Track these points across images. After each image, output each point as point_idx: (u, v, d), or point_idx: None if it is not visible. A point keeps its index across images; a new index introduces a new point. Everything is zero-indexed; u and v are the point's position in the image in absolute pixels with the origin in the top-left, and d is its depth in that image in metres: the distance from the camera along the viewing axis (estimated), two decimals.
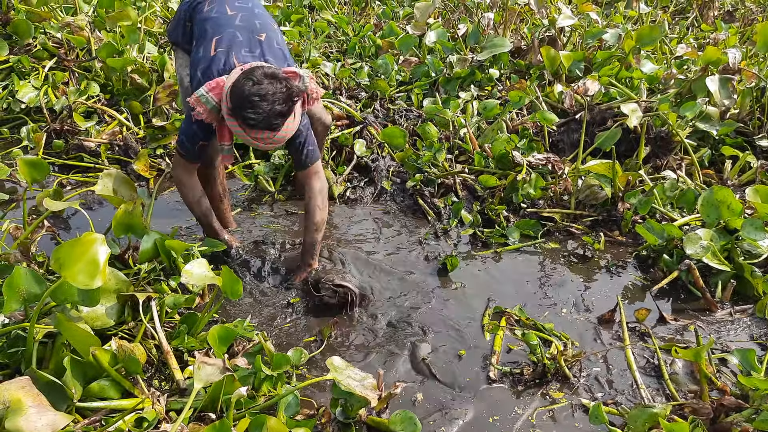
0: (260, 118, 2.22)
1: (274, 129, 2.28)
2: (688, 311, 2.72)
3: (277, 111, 2.24)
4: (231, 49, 2.50)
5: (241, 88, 2.23)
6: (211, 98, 2.38)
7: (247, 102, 2.21)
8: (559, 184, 3.47)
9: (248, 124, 2.25)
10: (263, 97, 2.21)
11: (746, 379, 2.10)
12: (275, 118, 2.25)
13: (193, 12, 2.74)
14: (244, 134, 2.31)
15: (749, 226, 2.81)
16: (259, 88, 2.21)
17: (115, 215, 2.45)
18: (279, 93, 2.23)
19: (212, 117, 2.42)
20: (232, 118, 2.29)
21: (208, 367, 1.77)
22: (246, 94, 2.21)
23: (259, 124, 2.24)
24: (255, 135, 2.29)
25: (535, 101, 4.20)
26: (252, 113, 2.22)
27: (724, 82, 3.90)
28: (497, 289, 2.84)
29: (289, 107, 2.28)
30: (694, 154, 3.66)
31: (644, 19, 6.40)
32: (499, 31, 5.40)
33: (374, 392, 2.03)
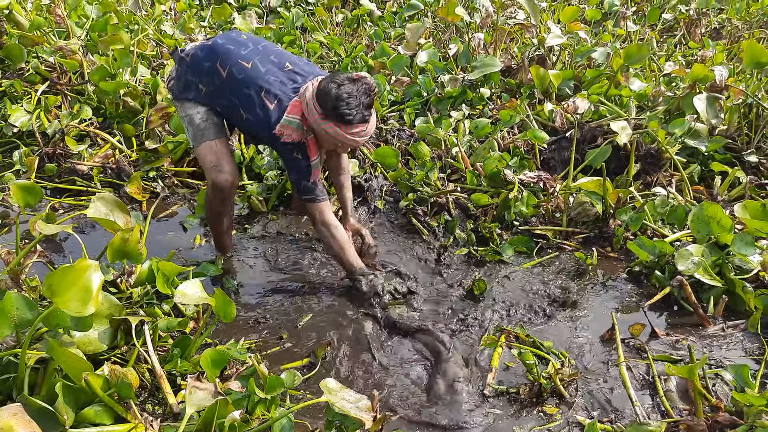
0: (355, 112, 2.46)
1: (366, 121, 2.53)
2: (681, 327, 2.73)
3: (365, 103, 2.49)
4: (282, 93, 2.64)
5: (330, 91, 2.46)
6: (294, 118, 2.58)
7: (339, 101, 2.45)
8: (550, 201, 3.49)
9: (346, 121, 2.47)
10: (351, 94, 2.46)
11: (740, 396, 2.10)
12: (366, 110, 2.50)
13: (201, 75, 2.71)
14: (341, 133, 2.51)
15: (739, 241, 2.83)
16: (345, 88, 2.45)
17: (112, 242, 2.44)
18: (361, 89, 2.48)
19: (299, 135, 2.61)
20: (327, 120, 2.50)
21: (199, 392, 1.76)
22: (336, 95, 2.45)
23: (356, 118, 2.47)
24: (352, 131, 2.52)
25: (525, 120, 4.24)
26: (347, 109, 2.45)
27: (711, 101, 3.95)
28: (493, 306, 2.84)
29: (372, 99, 2.53)
30: (683, 170, 3.69)
31: (632, 37, 6.48)
32: (490, 50, 5.45)
33: (369, 414, 2.02)
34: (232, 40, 2.76)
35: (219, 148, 2.79)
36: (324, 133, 2.56)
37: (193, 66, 2.74)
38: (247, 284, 2.97)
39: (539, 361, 2.45)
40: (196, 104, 2.78)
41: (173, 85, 2.84)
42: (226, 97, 2.70)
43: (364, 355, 2.54)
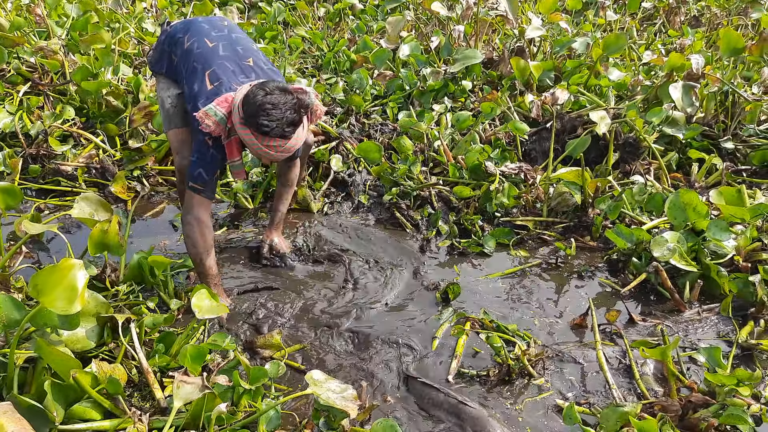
0: (274, 125, 2.33)
1: (286, 137, 2.38)
2: (658, 312, 2.80)
3: (289, 119, 2.35)
4: (227, 80, 2.59)
5: (254, 97, 2.34)
6: (219, 110, 2.46)
7: (261, 110, 2.32)
8: (531, 192, 3.55)
9: (262, 132, 2.34)
10: (276, 105, 2.33)
11: (712, 376, 2.17)
12: (287, 126, 2.36)
13: (173, 46, 2.80)
14: (256, 143, 2.38)
15: (714, 227, 2.90)
16: (272, 98, 2.33)
17: (91, 234, 2.47)
18: (290, 103, 2.36)
19: (219, 129, 2.49)
20: (245, 126, 2.37)
21: (187, 386, 1.80)
22: (260, 103, 2.32)
23: (273, 132, 2.34)
24: (267, 143, 2.38)
25: (507, 111, 4.29)
26: (266, 120, 2.32)
27: (686, 89, 4.02)
28: (473, 297, 2.90)
29: (300, 117, 2.40)
30: (661, 158, 3.76)
31: (613, 26, 6.54)
32: (471, 42, 5.50)
33: (354, 403, 2.07)
34: (211, 22, 2.85)
35: (184, 137, 2.86)
36: (242, 138, 2.45)
37: (170, 36, 2.84)
38: (235, 279, 3.01)
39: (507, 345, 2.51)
40: (168, 83, 2.86)
41: (151, 55, 2.97)
42: (180, 68, 2.74)
43: (349, 345, 2.59)
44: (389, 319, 2.74)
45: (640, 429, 1.99)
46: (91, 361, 2.02)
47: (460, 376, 2.43)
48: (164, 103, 2.89)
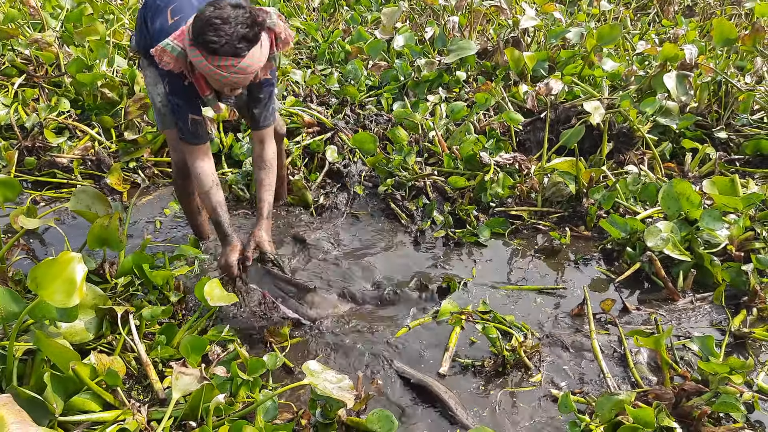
0: (223, 41, 2.10)
1: (238, 54, 2.14)
2: (652, 301, 2.83)
3: (240, 34, 2.12)
4: (190, 13, 2.36)
5: (202, 14, 2.14)
6: (176, 45, 2.25)
7: (208, 26, 2.10)
8: (525, 182, 3.57)
9: (210, 49, 2.12)
10: (225, 20, 2.10)
11: (705, 365, 2.20)
12: (239, 42, 2.12)
13: (145, 9, 2.61)
14: (206, 64, 2.16)
15: (707, 216, 2.92)
16: (220, 12, 2.11)
17: (91, 229, 2.48)
18: (242, 17, 2.12)
19: (179, 64, 2.30)
20: (194, 47, 2.16)
21: (185, 377, 1.82)
22: (207, 18, 2.11)
23: (222, 48, 2.11)
24: (219, 63, 2.15)
25: (501, 102, 4.30)
26: (214, 36, 2.10)
27: (680, 78, 4.03)
28: (470, 287, 2.93)
29: (254, 33, 2.16)
30: (655, 148, 3.78)
31: (607, 16, 6.54)
32: (465, 33, 5.49)
33: (351, 393, 2.09)
34: None
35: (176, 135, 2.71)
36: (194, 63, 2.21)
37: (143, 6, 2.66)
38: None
39: (504, 336, 2.53)
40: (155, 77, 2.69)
41: (132, 36, 2.82)
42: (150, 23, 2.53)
43: (346, 335, 2.61)
44: (385, 311, 2.77)
45: (635, 417, 2.01)
46: (90, 353, 2.04)
47: (454, 366, 2.45)
48: (154, 101, 2.77)
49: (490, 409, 2.25)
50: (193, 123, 2.49)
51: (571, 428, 2.10)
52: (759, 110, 4.26)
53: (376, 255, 3.19)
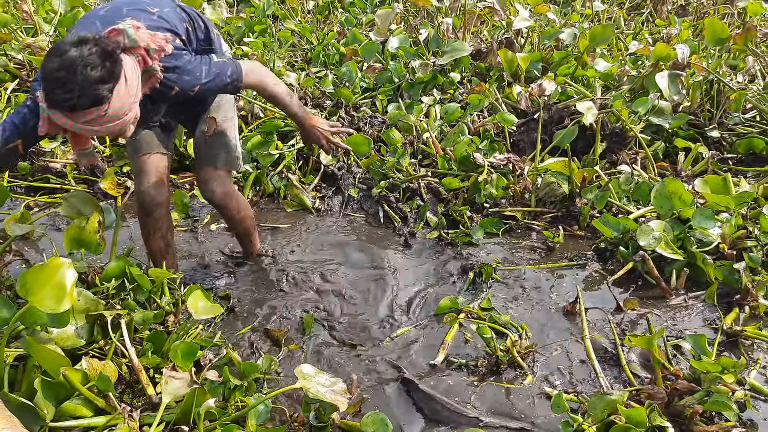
0: (76, 94, 1.79)
1: (100, 102, 1.83)
2: (645, 300, 2.83)
3: (92, 78, 1.79)
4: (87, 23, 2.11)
5: (45, 67, 1.81)
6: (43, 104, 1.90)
7: (55, 81, 1.78)
8: (519, 183, 3.57)
9: (68, 107, 1.81)
10: (69, 68, 1.78)
11: (698, 363, 2.21)
12: (95, 89, 1.80)
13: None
14: (72, 124, 1.87)
15: (699, 215, 2.93)
16: (62, 60, 1.78)
17: (67, 230, 2.47)
18: (87, 57, 1.79)
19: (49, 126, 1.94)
20: (54, 109, 1.85)
21: (175, 381, 1.82)
22: (50, 72, 1.80)
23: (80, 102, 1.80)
24: (84, 119, 1.85)
25: (495, 103, 4.31)
26: (64, 93, 1.78)
27: (673, 78, 4.04)
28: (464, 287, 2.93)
29: (109, 70, 1.83)
30: (648, 147, 3.79)
31: (600, 16, 6.55)
32: (459, 35, 5.50)
33: (344, 396, 2.09)
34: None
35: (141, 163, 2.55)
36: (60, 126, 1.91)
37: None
38: (222, 275, 3.02)
39: (497, 336, 2.53)
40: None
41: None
42: None
43: (337, 338, 2.61)
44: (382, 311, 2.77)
45: (627, 417, 2.02)
46: (81, 359, 2.03)
47: (448, 364, 2.45)
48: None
49: (484, 409, 2.25)
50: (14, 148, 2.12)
51: (563, 428, 2.10)
52: (751, 109, 4.27)
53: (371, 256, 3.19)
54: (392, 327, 2.69)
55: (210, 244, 3.28)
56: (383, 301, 2.84)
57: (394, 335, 2.63)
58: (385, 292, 2.90)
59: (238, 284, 2.95)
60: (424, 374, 2.41)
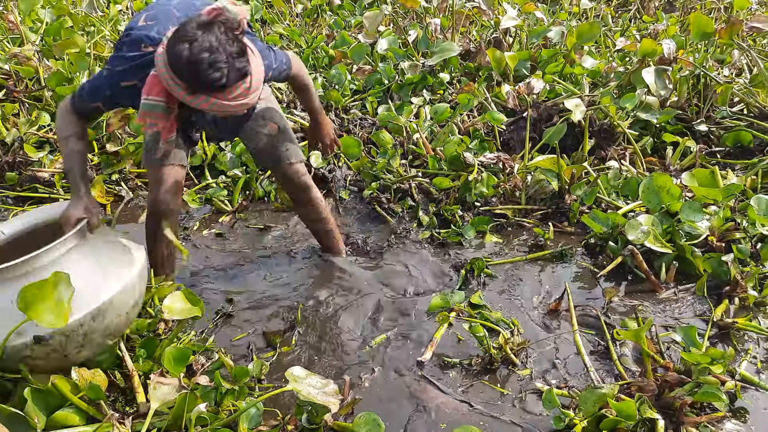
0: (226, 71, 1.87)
1: (245, 74, 1.93)
2: (636, 294, 2.84)
3: (234, 53, 1.88)
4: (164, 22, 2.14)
5: (181, 55, 1.85)
6: (156, 101, 2.00)
7: (200, 67, 1.85)
8: (509, 181, 3.58)
9: (218, 87, 1.88)
10: (211, 48, 1.84)
11: (688, 355, 2.22)
12: (239, 62, 1.90)
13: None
14: (221, 103, 1.94)
15: (687, 208, 2.94)
16: (200, 43, 1.84)
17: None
18: (220, 34, 1.88)
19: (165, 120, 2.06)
20: (197, 94, 1.92)
21: (164, 387, 1.82)
22: (192, 58, 1.84)
23: (230, 79, 1.89)
24: (232, 95, 1.94)
25: (484, 102, 4.32)
26: (215, 72, 1.85)
27: (659, 73, 4.06)
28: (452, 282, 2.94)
29: (240, 42, 1.92)
30: (636, 143, 3.80)
31: (588, 14, 6.58)
32: (448, 35, 5.51)
33: (336, 398, 2.09)
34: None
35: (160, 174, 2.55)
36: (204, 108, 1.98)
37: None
38: (216, 280, 3.02)
39: (489, 333, 2.53)
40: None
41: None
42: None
43: (330, 340, 2.61)
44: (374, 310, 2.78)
45: (617, 410, 2.02)
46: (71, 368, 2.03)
47: (440, 363, 2.46)
48: (145, 134, 2.56)
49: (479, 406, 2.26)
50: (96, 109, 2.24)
51: (555, 423, 2.11)
52: (738, 102, 4.29)
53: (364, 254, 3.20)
54: (385, 326, 2.69)
55: (204, 250, 3.27)
56: (375, 300, 2.84)
57: (387, 334, 2.63)
58: (377, 291, 2.91)
59: (233, 287, 2.95)
60: (414, 371, 2.42)
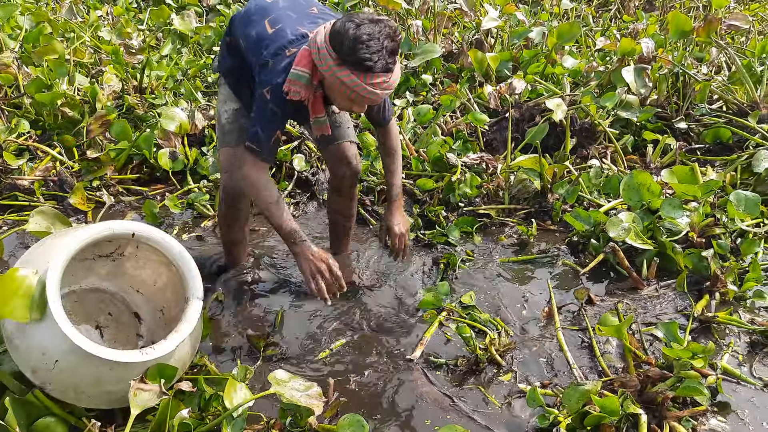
0: (376, 59, 2.05)
1: (390, 69, 2.11)
2: (618, 291, 2.86)
3: (389, 48, 2.08)
4: (289, 24, 2.33)
5: (346, 32, 2.06)
6: (302, 72, 2.19)
7: (359, 43, 2.04)
8: (492, 181, 3.60)
9: (365, 68, 2.06)
10: (371, 36, 2.04)
11: (669, 350, 2.23)
12: (389, 57, 2.09)
13: (231, 28, 2.56)
14: (358, 83, 2.10)
15: (668, 205, 2.97)
16: (366, 29, 2.05)
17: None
18: (384, 30, 2.07)
19: (306, 92, 2.23)
20: (343, 67, 2.09)
21: (144, 393, 1.81)
22: (355, 36, 2.04)
23: (377, 65, 2.06)
24: (372, 80, 2.09)
25: (467, 103, 4.33)
26: (367, 53, 2.04)
27: (639, 72, 4.10)
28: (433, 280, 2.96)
29: (397, 45, 2.12)
30: (617, 141, 3.84)
31: (570, 14, 6.63)
32: (431, 36, 5.53)
33: (319, 400, 2.09)
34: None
35: (237, 157, 2.57)
36: (339, 83, 2.14)
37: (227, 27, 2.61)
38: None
39: (476, 334, 2.54)
40: (227, 95, 2.65)
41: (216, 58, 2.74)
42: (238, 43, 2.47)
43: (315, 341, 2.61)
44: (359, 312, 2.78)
45: (601, 406, 2.04)
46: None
47: (427, 363, 2.47)
48: (220, 118, 2.67)
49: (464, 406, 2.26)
50: (276, 140, 2.36)
51: (540, 421, 2.12)
52: (717, 99, 4.34)
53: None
54: (372, 326, 2.69)
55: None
56: (359, 302, 2.84)
57: (374, 334, 2.63)
58: (364, 291, 2.90)
59: (217, 290, 2.93)
60: (402, 371, 2.42)
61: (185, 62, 5.39)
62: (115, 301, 2.46)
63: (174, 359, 2.01)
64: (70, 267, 2.04)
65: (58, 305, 1.82)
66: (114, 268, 2.45)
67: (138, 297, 2.49)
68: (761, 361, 2.45)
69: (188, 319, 2.06)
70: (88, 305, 2.41)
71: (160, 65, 5.03)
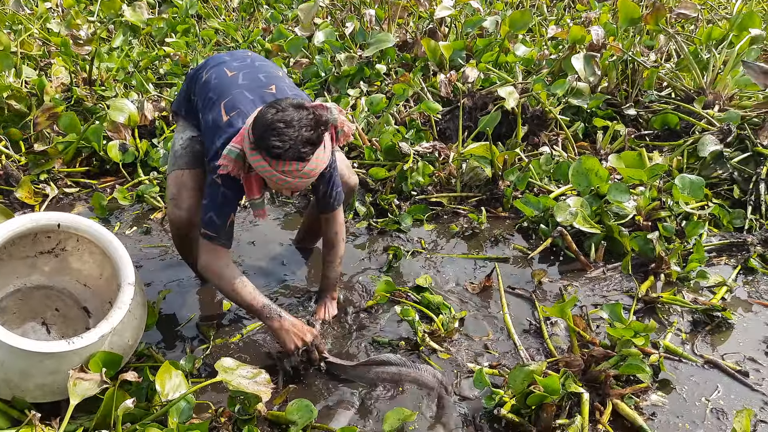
0: (287, 146, 2.00)
1: (302, 158, 2.05)
2: (566, 273, 2.92)
3: (304, 138, 2.02)
4: (244, 109, 2.31)
5: (264, 117, 2.04)
6: (235, 147, 2.17)
7: (270, 130, 2.00)
8: (444, 169, 3.62)
9: (274, 154, 2.02)
10: (288, 123, 2.01)
11: (613, 330, 2.29)
12: (303, 146, 2.03)
13: (192, 83, 2.57)
14: (269, 169, 2.06)
15: (615, 190, 3.03)
16: (283, 115, 2.02)
17: None
18: (305, 119, 2.04)
19: (237, 167, 2.20)
20: (256, 151, 2.06)
21: (84, 383, 1.78)
22: (269, 122, 2.01)
23: (286, 153, 2.01)
24: (282, 168, 2.05)
25: (420, 92, 4.35)
26: (278, 141, 2.00)
27: (588, 59, 4.17)
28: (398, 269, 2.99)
29: (318, 135, 2.06)
30: (568, 128, 3.90)
31: (524, 3, 6.69)
32: (385, 26, 5.53)
33: (267, 387, 2.09)
34: (233, 54, 2.62)
35: (184, 180, 2.56)
36: (256, 167, 2.11)
37: (189, 76, 2.63)
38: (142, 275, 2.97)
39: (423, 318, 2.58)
40: (185, 126, 2.63)
41: (175, 98, 2.74)
42: (197, 105, 2.49)
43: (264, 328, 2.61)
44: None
45: (544, 385, 2.08)
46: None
47: (374, 343, 2.50)
48: (174, 144, 2.63)
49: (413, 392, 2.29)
50: (231, 223, 2.35)
51: (486, 402, 2.15)
52: (666, 86, 4.44)
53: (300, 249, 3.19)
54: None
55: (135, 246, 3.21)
56: (311, 286, 2.84)
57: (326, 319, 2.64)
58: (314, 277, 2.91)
59: (161, 282, 2.91)
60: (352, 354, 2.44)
61: (137, 54, 5.30)
62: (62, 296, 2.42)
63: (114, 347, 1.98)
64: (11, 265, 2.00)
65: None
66: (58, 264, 2.41)
67: (86, 291, 2.46)
68: (703, 339, 2.52)
69: (119, 305, 2.03)
70: (34, 303, 2.36)
71: (110, 57, 4.94)
